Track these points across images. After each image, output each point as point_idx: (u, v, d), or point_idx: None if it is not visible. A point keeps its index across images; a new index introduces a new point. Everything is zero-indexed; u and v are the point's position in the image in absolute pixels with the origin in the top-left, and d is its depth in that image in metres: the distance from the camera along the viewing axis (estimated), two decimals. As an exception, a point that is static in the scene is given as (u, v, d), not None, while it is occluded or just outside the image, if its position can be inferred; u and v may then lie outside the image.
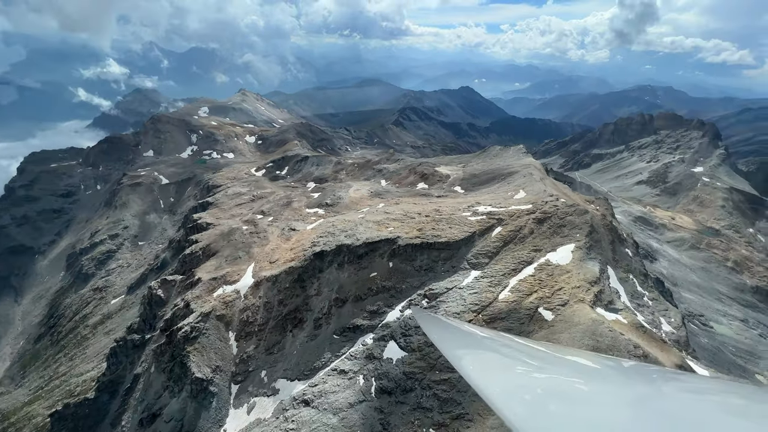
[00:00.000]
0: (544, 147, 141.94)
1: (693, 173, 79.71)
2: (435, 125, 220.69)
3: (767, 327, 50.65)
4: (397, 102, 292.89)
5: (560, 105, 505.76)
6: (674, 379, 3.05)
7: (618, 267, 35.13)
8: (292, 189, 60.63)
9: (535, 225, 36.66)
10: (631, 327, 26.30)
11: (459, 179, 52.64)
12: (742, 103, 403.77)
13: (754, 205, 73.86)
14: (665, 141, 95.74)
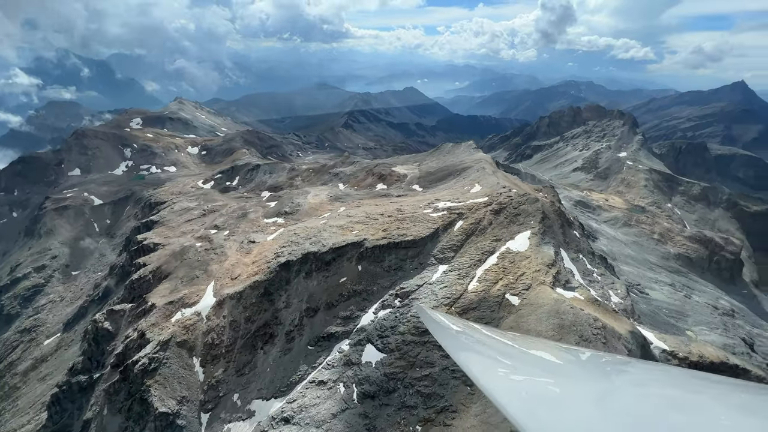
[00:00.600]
0: (489, 142, 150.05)
1: (619, 158, 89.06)
2: (384, 126, 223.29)
3: (690, 289, 57.80)
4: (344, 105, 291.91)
5: (498, 102, 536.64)
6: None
7: (569, 248, 38.06)
8: (246, 200, 57.95)
9: (492, 216, 38.52)
10: (587, 302, 28.64)
11: (416, 178, 53.74)
12: (649, 94, 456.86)
13: (669, 183, 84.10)
14: (593, 131, 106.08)
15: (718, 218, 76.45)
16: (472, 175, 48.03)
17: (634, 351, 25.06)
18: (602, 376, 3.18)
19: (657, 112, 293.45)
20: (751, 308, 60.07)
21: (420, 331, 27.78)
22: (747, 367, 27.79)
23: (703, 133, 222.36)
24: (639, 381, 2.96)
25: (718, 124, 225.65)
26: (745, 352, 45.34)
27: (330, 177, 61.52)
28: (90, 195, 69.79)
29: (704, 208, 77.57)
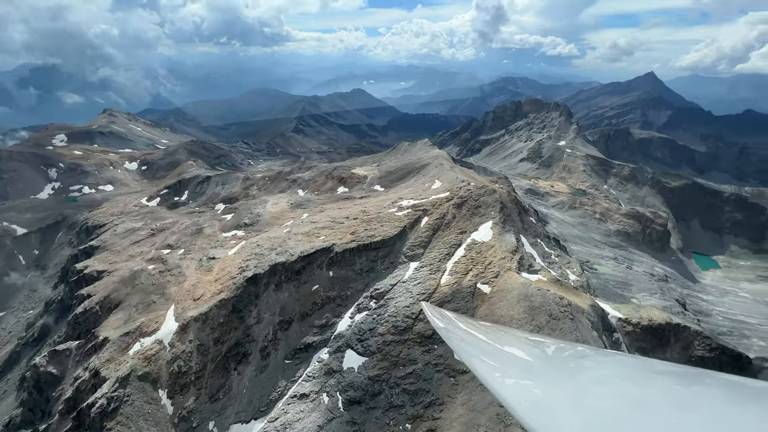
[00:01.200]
0: (439, 138, 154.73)
1: (559, 147, 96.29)
2: (336, 129, 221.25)
3: (630, 261, 63.88)
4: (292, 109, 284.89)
5: (444, 99, 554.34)
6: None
7: (528, 234, 40.36)
8: (199, 214, 54.51)
9: (455, 210, 39.75)
10: (551, 282, 30.58)
11: (377, 178, 53.93)
12: (576, 87, 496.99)
13: (603, 167, 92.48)
14: (534, 123, 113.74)
15: (646, 195, 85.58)
16: (431, 171, 49.19)
17: (596, 322, 27.21)
18: (572, 374, 3.32)
19: (585, 103, 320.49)
20: (679, 272, 67.80)
21: (399, 330, 27.95)
22: (686, 324, 31.28)
23: (625, 120, 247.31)
24: (599, 378, 3.08)
25: (636, 111, 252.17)
26: (680, 311, 51.00)
27: (288, 184, 59.78)
28: (10, 224, 61.53)
29: (634, 187, 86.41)
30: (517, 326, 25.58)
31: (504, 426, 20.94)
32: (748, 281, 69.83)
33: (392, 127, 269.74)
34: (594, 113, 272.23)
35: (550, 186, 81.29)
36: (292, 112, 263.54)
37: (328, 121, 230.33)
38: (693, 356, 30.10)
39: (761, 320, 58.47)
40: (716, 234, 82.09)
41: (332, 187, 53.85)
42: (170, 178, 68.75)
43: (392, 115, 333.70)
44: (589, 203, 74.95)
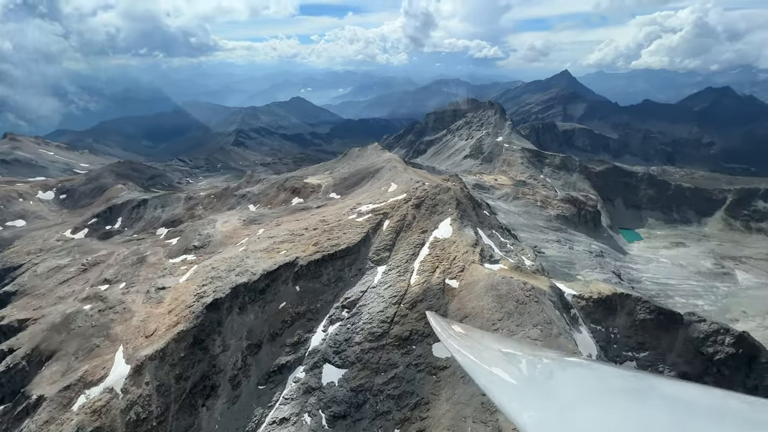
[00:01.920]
0: (385, 142, 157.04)
1: (497, 142, 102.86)
2: (278, 139, 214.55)
3: (571, 241, 69.84)
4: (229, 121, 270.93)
5: (383, 104, 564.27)
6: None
7: (484, 226, 42.40)
8: (139, 242, 49.62)
9: (414, 210, 40.53)
10: (512, 270, 32.37)
11: (331, 186, 53.19)
12: (504, 86, 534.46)
13: (538, 158, 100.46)
14: (472, 121, 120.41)
15: (576, 181, 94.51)
16: (386, 175, 49.67)
17: (557, 302, 29.30)
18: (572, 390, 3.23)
19: (513, 100, 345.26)
20: (612, 247, 75.60)
21: (376, 336, 27.71)
22: (628, 292, 34.89)
23: (549, 114, 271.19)
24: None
25: (558, 106, 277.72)
26: (617, 281, 56.76)
27: (237, 200, 56.67)
28: None
29: (566, 174, 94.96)
30: (488, 315, 26.67)
31: (489, 413, 21.65)
32: (665, 248, 79.87)
33: (336, 134, 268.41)
34: (522, 109, 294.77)
35: (494, 180, 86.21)
36: (229, 124, 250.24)
37: (269, 132, 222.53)
38: (637, 320, 33.66)
39: (679, 280, 67.13)
40: (636, 210, 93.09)
41: (286, 199, 52.10)
42: (98, 206, 61.70)
43: (334, 121, 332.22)
44: (530, 192, 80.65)
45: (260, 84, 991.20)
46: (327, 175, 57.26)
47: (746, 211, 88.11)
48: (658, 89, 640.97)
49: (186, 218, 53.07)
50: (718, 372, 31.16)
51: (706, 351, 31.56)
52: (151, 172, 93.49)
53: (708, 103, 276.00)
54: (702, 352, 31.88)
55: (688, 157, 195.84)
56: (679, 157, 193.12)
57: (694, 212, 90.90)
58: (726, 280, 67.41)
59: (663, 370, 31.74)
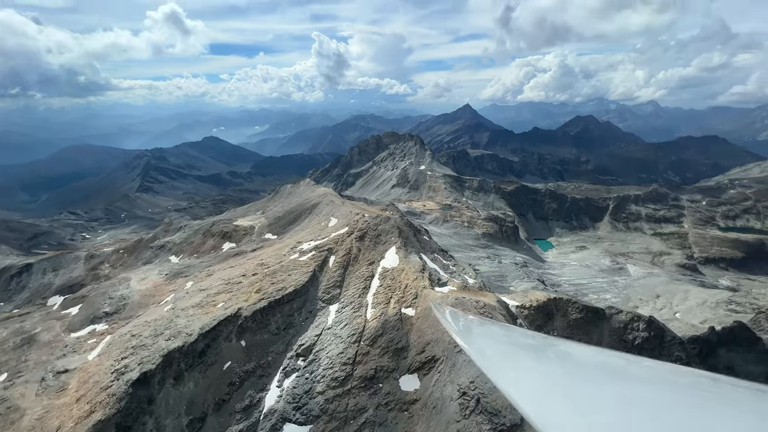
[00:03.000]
0: (312, 176, 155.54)
1: (421, 171, 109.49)
2: (193, 181, 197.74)
3: (498, 256, 75.77)
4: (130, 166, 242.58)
5: (303, 140, 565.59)
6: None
7: (426, 251, 43.78)
8: (22, 318, 40.30)
9: (359, 243, 40.27)
10: (461, 290, 33.65)
11: (266, 226, 50.37)
12: (416, 119, 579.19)
13: (458, 183, 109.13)
14: (395, 153, 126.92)
15: (494, 200, 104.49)
16: (324, 209, 48.85)
17: (505, 315, 31.08)
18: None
19: (426, 132, 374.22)
20: (532, 257, 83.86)
21: (340, 381, 25.92)
22: (560, 296, 38.72)
23: (459, 143, 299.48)
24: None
25: (465, 135, 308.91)
26: (543, 288, 62.62)
27: (154, 252, 50.00)
28: None
29: (484, 195, 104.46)
30: (448, 339, 27.03)
31: (467, 440, 21.42)
32: (572, 252, 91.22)
33: (258, 172, 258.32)
34: (435, 139, 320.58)
35: (423, 205, 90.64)
36: (131, 169, 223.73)
37: (181, 174, 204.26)
38: (571, 320, 37.32)
39: (588, 279, 76.73)
40: (545, 221, 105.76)
41: (215, 245, 47.71)
42: (-44, 279, 48.93)
43: (254, 159, 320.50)
44: (456, 215, 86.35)
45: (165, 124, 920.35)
46: (259, 216, 54.28)
47: (624, 214, 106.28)
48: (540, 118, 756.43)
49: (89, 281, 45.02)
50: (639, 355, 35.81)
51: (627, 338, 36.19)
52: (33, 230, 77.97)
53: (579, 129, 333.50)
54: (624, 339, 36.46)
55: (573, 173, 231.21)
56: (566, 174, 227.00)
57: (588, 219, 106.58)
58: (622, 274, 79.04)
59: (598, 362, 35.30)
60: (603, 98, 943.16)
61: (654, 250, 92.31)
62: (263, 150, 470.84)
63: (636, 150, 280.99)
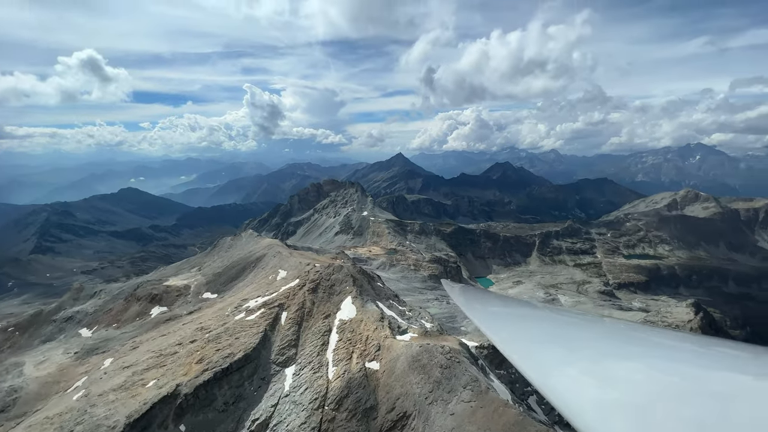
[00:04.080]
0: (249, 227, 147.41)
1: (364, 217, 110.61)
2: (106, 238, 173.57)
3: (445, 297, 77.19)
4: (23, 223, 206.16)
5: (236, 189, 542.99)
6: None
7: (382, 298, 42.92)
8: None
9: (312, 295, 38.20)
10: (423, 336, 33.11)
11: (203, 285, 45.57)
12: (352, 167, 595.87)
13: (401, 227, 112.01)
14: (337, 200, 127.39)
15: (435, 242, 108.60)
16: (270, 262, 46.00)
17: (469, 357, 31.03)
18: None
19: (363, 179, 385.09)
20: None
21: (305, 457, 22.80)
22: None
23: (395, 189, 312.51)
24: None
25: (401, 182, 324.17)
26: (491, 325, 64.67)
27: (58, 326, 41.66)
28: None
29: (426, 238, 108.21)
30: (418, 390, 25.92)
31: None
32: (510, 288, 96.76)
33: (185, 224, 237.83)
34: (372, 186, 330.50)
35: (368, 251, 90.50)
36: (23, 227, 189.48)
37: (91, 231, 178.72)
38: (525, 356, 38.54)
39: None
40: (482, 260, 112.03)
41: (141, 310, 41.59)
42: None
43: (181, 211, 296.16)
44: (402, 259, 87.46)
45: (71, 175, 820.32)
46: (195, 273, 49.24)
47: (549, 249, 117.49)
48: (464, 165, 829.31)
49: (-39, 372, 35.51)
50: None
51: (576, 367, 38.26)
52: None
53: (500, 174, 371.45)
54: (574, 369, 38.48)
55: (499, 214, 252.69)
56: (494, 215, 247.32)
57: (519, 255, 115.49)
58: (555, 304, 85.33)
59: (555, 395, 36.38)
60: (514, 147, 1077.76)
61: (577, 279, 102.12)
62: (191, 201, 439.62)
63: (547, 191, 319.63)
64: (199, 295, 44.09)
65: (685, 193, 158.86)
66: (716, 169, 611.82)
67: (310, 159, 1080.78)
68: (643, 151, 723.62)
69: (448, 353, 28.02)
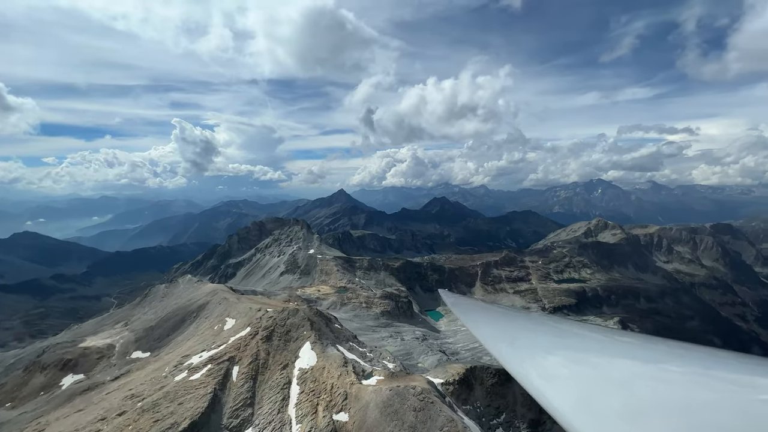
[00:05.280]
0: (179, 271, 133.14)
1: (311, 255, 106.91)
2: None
3: (399, 333, 76.16)
4: None
5: (162, 230, 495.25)
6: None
7: (341, 341, 40.81)
8: None
9: (266, 344, 35.08)
10: (389, 378, 31.78)
11: (132, 342, 39.40)
12: (293, 204, 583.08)
13: (349, 263, 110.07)
14: (281, 238, 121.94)
15: (384, 278, 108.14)
16: (216, 310, 41.64)
17: (438, 395, 30.31)
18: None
19: (305, 216, 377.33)
20: (428, 328, 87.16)
21: None
22: (474, 365, 40.42)
23: (339, 225, 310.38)
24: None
25: (344, 218, 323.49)
26: (447, 359, 64.60)
27: None
28: None
29: (375, 274, 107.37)
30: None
31: None
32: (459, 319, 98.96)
33: (99, 272, 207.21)
34: (315, 223, 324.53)
35: (317, 291, 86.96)
36: None
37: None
38: (487, 387, 38.79)
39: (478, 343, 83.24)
40: (431, 292, 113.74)
41: (48, 382, 34.44)
42: None
43: (93, 257, 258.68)
44: (353, 296, 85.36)
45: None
46: (120, 329, 42.73)
47: (490, 278, 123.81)
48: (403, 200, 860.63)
49: None
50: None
51: (535, 394, 39.29)
52: None
53: (438, 208, 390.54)
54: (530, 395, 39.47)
55: (440, 246, 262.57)
56: (436, 247, 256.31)
57: (464, 285, 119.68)
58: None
59: (519, 425, 36.84)
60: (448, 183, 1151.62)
61: (518, 305, 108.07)
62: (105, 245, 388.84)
63: (482, 223, 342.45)
64: (127, 355, 38.14)
65: (597, 222, 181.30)
66: (614, 200, 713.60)
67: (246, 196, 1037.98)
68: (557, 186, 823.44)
69: (420, 394, 27.13)
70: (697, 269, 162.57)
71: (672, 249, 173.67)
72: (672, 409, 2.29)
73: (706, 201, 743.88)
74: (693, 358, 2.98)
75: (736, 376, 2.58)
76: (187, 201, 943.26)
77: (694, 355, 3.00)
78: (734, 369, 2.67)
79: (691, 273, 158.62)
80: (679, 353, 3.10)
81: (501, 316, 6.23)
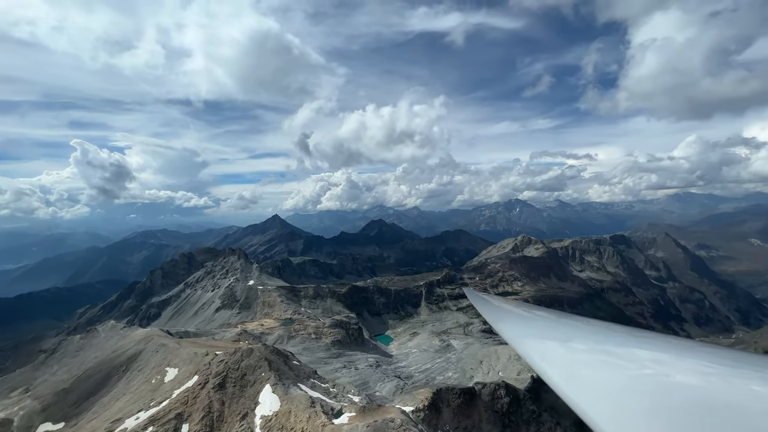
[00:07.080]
0: (86, 317, 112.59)
1: (250, 286, 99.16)
2: None
3: (352, 362, 73.56)
4: None
5: (56, 268, 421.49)
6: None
7: (303, 379, 37.97)
8: None
9: (219, 393, 31.27)
10: (362, 414, 30.20)
11: (38, 412, 32.01)
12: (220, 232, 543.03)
13: (293, 293, 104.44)
14: (215, 270, 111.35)
15: (331, 305, 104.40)
16: (151, 359, 36.02)
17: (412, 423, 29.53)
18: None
19: (235, 244, 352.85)
20: (380, 354, 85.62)
21: None
22: (438, 387, 40.47)
23: (275, 252, 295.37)
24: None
25: (280, 244, 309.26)
26: (404, 383, 63.85)
27: None
28: None
29: (321, 301, 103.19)
30: (378, 481, 23.01)
31: None
32: (409, 341, 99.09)
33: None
34: (249, 251, 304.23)
35: (260, 325, 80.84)
36: None
37: None
38: (454, 408, 38.98)
39: (430, 363, 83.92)
40: (378, 316, 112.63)
41: None
42: None
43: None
44: (301, 328, 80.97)
45: None
46: (19, 397, 34.84)
47: (434, 297, 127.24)
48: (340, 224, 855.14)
49: None
50: (510, 422, 40.40)
51: (497, 409, 40.54)
52: None
53: (376, 231, 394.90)
54: (495, 410, 40.65)
55: (381, 268, 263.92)
56: (377, 270, 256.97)
57: (411, 306, 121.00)
58: (450, 350, 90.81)
59: (487, 442, 37.42)
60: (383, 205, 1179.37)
61: (462, 322, 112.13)
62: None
63: (419, 244, 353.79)
64: (32, 430, 31.04)
65: (522, 238, 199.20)
66: (531, 218, 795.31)
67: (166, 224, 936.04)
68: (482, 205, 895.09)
69: (400, 427, 26.24)
70: (604, 275, 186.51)
71: (584, 259, 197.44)
72: (701, 410, 2.29)
73: (600, 216, 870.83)
74: (720, 357, 3.08)
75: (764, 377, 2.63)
76: (89, 233, 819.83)
77: (725, 355, 3.12)
78: (761, 370, 2.76)
79: (600, 279, 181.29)
80: (708, 353, 3.20)
81: (525, 314, 6.33)
